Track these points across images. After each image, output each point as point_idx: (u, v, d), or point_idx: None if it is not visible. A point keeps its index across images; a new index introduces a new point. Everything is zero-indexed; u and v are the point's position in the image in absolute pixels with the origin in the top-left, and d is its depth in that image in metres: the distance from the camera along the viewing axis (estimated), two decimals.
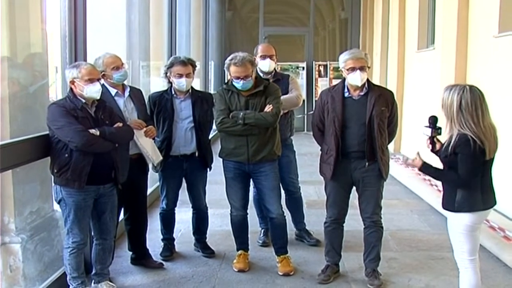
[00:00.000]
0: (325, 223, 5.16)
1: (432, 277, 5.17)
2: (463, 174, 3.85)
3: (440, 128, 4.13)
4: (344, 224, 5.17)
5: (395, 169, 10.11)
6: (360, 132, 4.79)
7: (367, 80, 4.86)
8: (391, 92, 5.07)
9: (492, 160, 3.94)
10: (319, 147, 5.12)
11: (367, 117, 4.74)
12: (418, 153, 4.13)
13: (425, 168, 4.08)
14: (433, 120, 4.16)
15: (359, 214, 5.07)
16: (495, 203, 4.03)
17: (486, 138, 3.81)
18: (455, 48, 8.52)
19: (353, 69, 4.74)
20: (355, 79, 4.74)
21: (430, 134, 4.15)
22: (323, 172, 5.01)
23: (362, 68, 4.74)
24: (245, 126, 4.98)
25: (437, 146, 4.16)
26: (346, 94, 4.86)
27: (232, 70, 5.02)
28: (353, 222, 5.55)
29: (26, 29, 5.15)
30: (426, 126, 4.17)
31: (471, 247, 3.99)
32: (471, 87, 3.87)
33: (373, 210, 4.95)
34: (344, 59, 4.83)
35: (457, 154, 3.84)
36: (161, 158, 5.25)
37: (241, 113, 4.99)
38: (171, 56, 8.57)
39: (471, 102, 3.80)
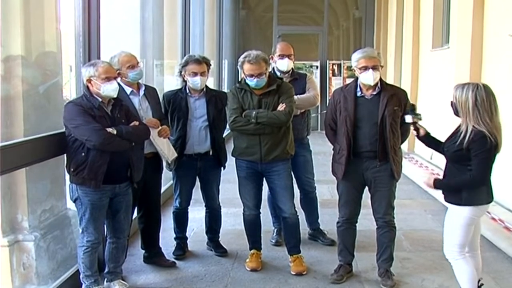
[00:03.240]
0: (337, 223, 5.14)
1: (445, 278, 5.12)
2: (479, 171, 3.92)
3: (419, 114, 4.45)
4: (357, 224, 5.15)
5: (409, 168, 10.09)
6: (372, 131, 4.76)
7: (380, 79, 4.82)
8: (404, 91, 5.02)
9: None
10: (332, 147, 5.10)
11: (379, 116, 4.70)
12: (431, 179, 4.23)
13: (440, 184, 4.18)
14: (412, 108, 4.50)
15: (372, 214, 5.05)
16: (493, 198, 4.13)
17: (498, 134, 3.90)
18: (470, 47, 8.46)
19: (365, 68, 4.69)
20: (368, 78, 4.71)
21: (411, 121, 4.45)
22: (335, 171, 4.99)
23: (374, 67, 4.70)
24: (257, 125, 4.97)
25: (421, 131, 4.46)
26: (359, 94, 4.82)
27: (246, 67, 5.00)
28: (366, 222, 5.52)
29: (41, 28, 5.18)
30: (406, 114, 4.50)
31: (464, 240, 4.11)
32: (484, 84, 3.97)
33: (385, 210, 4.93)
34: (356, 58, 4.78)
35: (470, 150, 3.88)
36: (176, 155, 5.25)
37: (254, 112, 4.98)
38: (185, 55, 8.58)
39: (486, 99, 3.89)
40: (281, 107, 5.00)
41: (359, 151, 4.80)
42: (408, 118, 4.55)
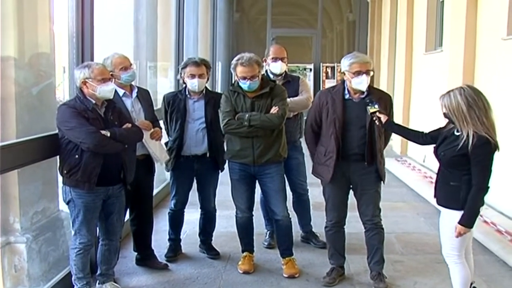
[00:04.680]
0: (326, 227, 5.15)
1: (438, 281, 5.14)
2: (482, 178, 3.91)
3: (375, 103, 4.61)
4: (345, 227, 5.16)
5: (402, 171, 10.12)
6: (359, 134, 4.77)
7: None
8: (389, 96, 5.06)
9: None
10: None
11: (368, 120, 4.72)
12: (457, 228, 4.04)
13: (467, 220, 3.97)
14: (369, 100, 4.62)
15: (359, 216, 5.06)
16: (484, 201, 4.11)
17: (494, 133, 3.90)
18: (463, 50, 8.49)
19: (359, 73, 4.68)
20: (361, 83, 4.70)
21: (369, 112, 4.61)
22: (320, 174, 4.99)
23: (367, 72, 4.70)
24: (250, 127, 4.96)
25: (382, 119, 4.58)
26: (347, 96, 4.83)
27: (239, 70, 5.00)
28: (357, 224, 5.49)
29: (34, 29, 5.16)
30: (368, 107, 4.63)
31: (462, 243, 4.12)
32: (468, 85, 3.99)
33: (373, 213, 4.94)
34: (349, 63, 4.74)
35: (470, 155, 3.88)
36: (168, 157, 5.25)
37: (247, 115, 4.97)
38: (178, 57, 8.61)
39: (477, 98, 3.88)
40: (274, 110, 5.00)
41: (347, 154, 4.81)
42: (367, 110, 4.65)
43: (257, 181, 5.29)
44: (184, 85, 5.48)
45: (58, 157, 4.41)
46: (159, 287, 5.03)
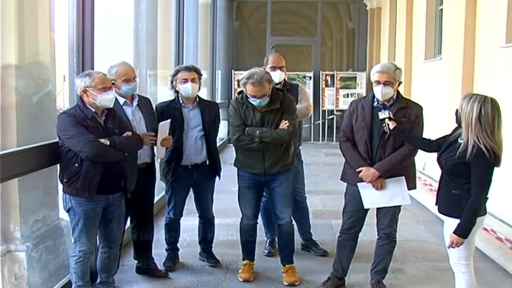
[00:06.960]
0: (339, 231, 5.12)
1: None
2: (479, 189, 3.89)
3: (386, 110, 4.66)
4: (358, 240, 5.08)
5: None
6: (377, 142, 4.76)
7: (398, 92, 4.84)
8: (418, 106, 4.95)
9: None
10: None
11: (376, 127, 4.73)
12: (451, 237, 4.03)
13: (461, 230, 3.94)
14: (383, 106, 4.71)
15: (367, 225, 5.05)
16: (486, 210, 4.11)
17: (499, 149, 3.87)
18: (462, 58, 8.51)
19: (378, 82, 4.71)
20: (377, 92, 4.73)
21: (380, 117, 4.64)
22: (350, 178, 4.90)
23: (386, 83, 4.69)
24: (261, 144, 4.97)
25: (391, 125, 4.59)
26: (375, 104, 4.83)
27: (249, 89, 4.92)
28: (361, 233, 5.52)
29: (35, 38, 5.17)
30: (379, 112, 4.66)
31: (468, 252, 4.09)
32: (492, 98, 3.92)
33: (388, 223, 4.92)
34: (373, 72, 4.81)
35: (469, 164, 3.86)
36: (163, 156, 5.24)
37: (258, 131, 4.95)
38: (178, 65, 8.59)
39: (490, 113, 3.85)
40: (283, 125, 4.99)
41: (374, 161, 4.78)
42: (381, 115, 4.66)
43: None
44: (176, 94, 5.45)
45: (58, 165, 4.42)
46: None
